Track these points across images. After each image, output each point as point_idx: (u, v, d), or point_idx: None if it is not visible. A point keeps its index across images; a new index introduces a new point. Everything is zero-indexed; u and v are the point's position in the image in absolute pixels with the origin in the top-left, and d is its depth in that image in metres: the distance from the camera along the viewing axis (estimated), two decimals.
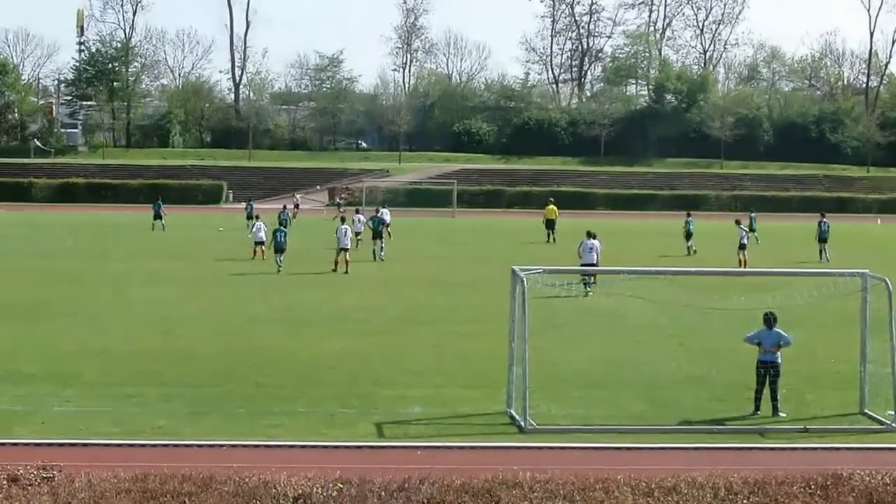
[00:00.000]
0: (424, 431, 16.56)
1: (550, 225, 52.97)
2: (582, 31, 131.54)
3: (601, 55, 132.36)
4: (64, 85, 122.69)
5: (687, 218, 47.26)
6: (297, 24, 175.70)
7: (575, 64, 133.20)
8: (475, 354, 22.34)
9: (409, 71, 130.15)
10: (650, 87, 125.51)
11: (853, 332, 18.47)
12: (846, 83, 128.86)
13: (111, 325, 25.62)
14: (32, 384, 18.90)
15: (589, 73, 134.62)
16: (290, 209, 54.74)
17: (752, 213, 54.68)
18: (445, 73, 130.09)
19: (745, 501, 12.38)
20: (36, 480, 12.51)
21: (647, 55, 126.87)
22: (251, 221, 46.84)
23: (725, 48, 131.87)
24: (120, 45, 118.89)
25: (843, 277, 19.08)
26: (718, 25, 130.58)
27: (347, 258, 37.69)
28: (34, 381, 19.20)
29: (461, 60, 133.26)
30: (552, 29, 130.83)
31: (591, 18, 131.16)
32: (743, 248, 41.04)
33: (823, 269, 35.17)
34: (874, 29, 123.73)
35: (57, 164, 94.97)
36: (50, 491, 12.18)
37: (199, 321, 26.46)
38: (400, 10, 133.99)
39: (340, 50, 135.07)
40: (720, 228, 52.09)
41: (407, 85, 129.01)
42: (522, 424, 16.50)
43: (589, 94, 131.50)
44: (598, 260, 32.79)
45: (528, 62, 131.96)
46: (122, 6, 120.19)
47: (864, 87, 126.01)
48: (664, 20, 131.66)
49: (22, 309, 27.74)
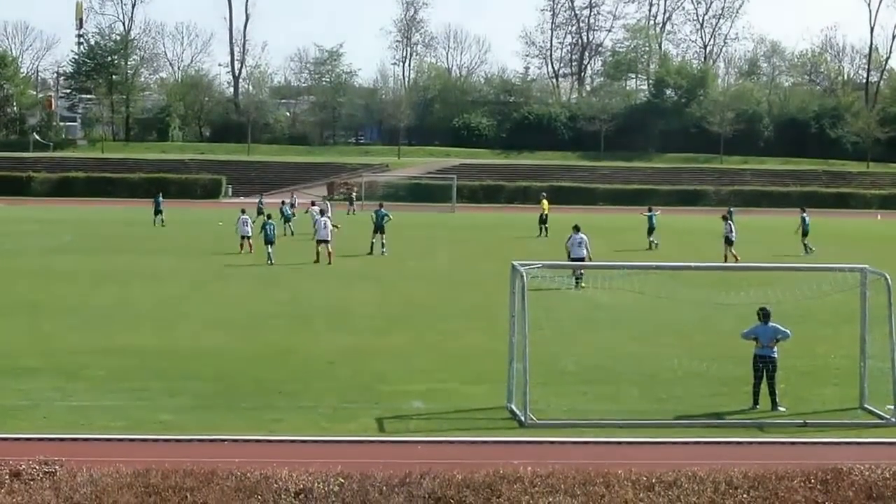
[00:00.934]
0: (425, 426, 16.59)
1: (542, 219, 53.08)
2: (582, 24, 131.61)
3: (601, 49, 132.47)
4: (63, 78, 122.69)
5: (647, 213, 47.41)
6: (296, 17, 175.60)
7: (575, 58, 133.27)
8: (476, 349, 22.36)
9: (408, 65, 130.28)
10: (650, 81, 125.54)
11: (853, 327, 18.49)
12: (846, 78, 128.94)
13: (113, 319, 25.64)
14: (34, 379, 18.91)
15: (589, 67, 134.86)
16: (288, 203, 54.68)
17: (730, 208, 54.61)
18: (445, 66, 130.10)
19: (745, 496, 12.41)
20: (38, 475, 12.52)
21: (647, 49, 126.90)
22: (260, 217, 46.91)
23: (725, 43, 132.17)
24: (119, 37, 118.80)
25: (842, 273, 19.12)
26: (718, 20, 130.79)
27: (330, 249, 37.73)
28: (36, 375, 19.21)
29: (461, 54, 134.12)
30: (552, 23, 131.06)
31: (591, 12, 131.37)
32: (730, 243, 40.82)
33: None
34: (874, 24, 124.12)
35: (56, 157, 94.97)
36: (52, 486, 12.19)
37: (200, 316, 26.48)
38: (399, 3, 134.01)
39: (340, 43, 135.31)
40: (718, 224, 51.91)
41: (407, 79, 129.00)
42: (523, 419, 16.51)
43: (589, 88, 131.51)
44: (587, 254, 32.85)
45: (527, 56, 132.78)
46: None
47: (864, 82, 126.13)
48: (664, 14, 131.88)
49: (23, 304, 27.76)
